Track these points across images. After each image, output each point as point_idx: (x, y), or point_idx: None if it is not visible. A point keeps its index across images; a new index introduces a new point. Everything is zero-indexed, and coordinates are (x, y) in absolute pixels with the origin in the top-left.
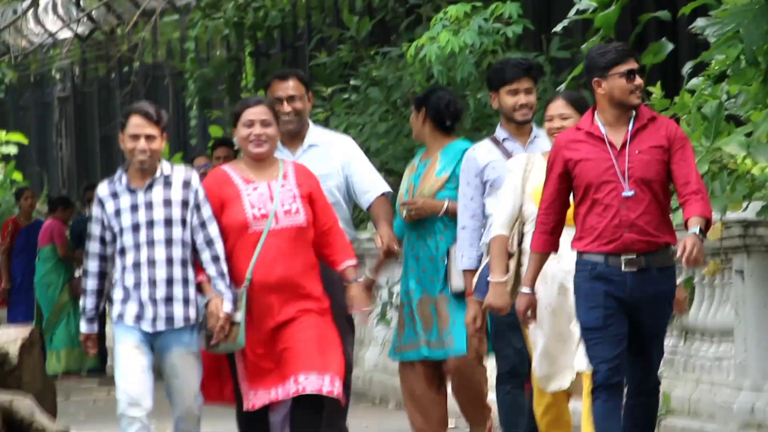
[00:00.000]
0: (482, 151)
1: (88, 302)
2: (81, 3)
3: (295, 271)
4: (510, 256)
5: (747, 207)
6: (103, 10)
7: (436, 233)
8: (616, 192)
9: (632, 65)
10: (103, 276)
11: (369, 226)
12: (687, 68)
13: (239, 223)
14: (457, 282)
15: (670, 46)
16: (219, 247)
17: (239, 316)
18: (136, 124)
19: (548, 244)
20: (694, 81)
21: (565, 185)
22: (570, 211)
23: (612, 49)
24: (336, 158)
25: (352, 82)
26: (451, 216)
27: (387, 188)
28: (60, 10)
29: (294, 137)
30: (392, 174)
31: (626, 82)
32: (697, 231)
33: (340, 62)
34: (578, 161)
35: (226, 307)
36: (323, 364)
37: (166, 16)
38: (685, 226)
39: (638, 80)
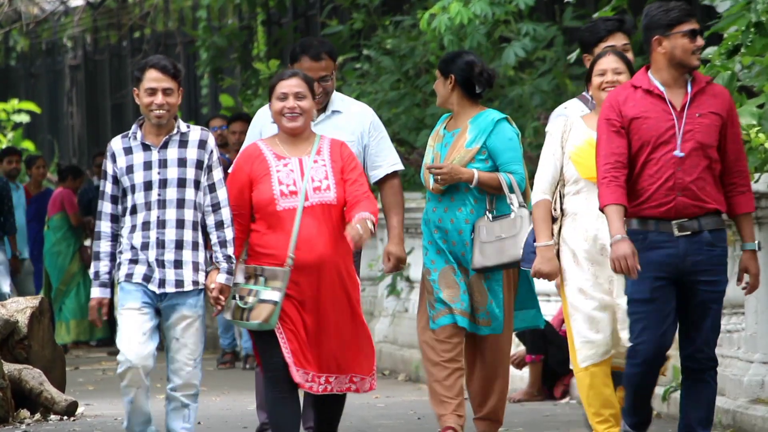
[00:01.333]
0: (575, 113)
1: (101, 266)
2: None
3: (332, 252)
4: (553, 220)
5: (759, 179)
6: None
7: (466, 206)
8: (673, 153)
9: (695, 25)
10: (116, 238)
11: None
12: None
13: (266, 200)
14: (479, 258)
15: None
16: (225, 212)
17: (278, 296)
18: (152, 77)
19: (624, 196)
20: (708, 51)
21: (627, 140)
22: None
23: (675, 7)
24: (357, 126)
25: (364, 52)
26: (481, 189)
27: (400, 166)
28: None
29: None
30: (403, 144)
31: (689, 42)
32: (756, 247)
33: (352, 31)
34: (636, 118)
35: (221, 278)
36: (355, 365)
37: None
38: (732, 213)
39: (700, 41)
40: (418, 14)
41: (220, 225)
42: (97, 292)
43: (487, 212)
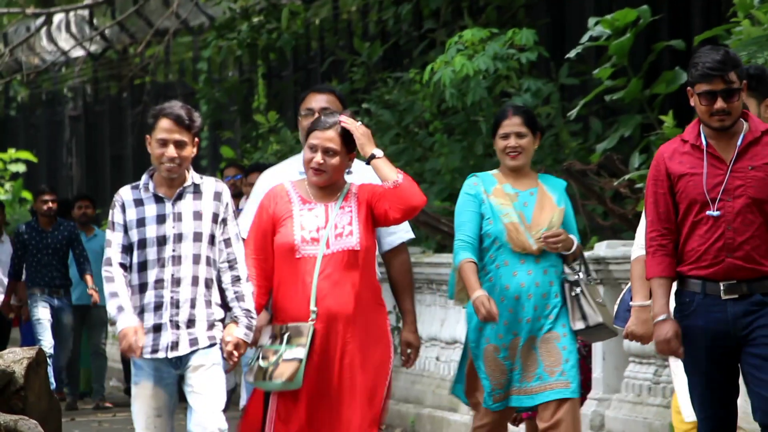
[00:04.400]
0: None
1: (122, 301)
2: (94, 22)
3: (354, 304)
4: None
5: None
6: (116, 29)
7: (551, 268)
8: (723, 211)
9: (716, 86)
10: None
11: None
12: None
13: (286, 245)
14: (593, 314)
15: (684, 76)
16: (242, 268)
17: (302, 353)
18: (164, 128)
19: (672, 267)
20: None
21: (674, 200)
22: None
23: (702, 61)
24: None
25: (364, 106)
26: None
27: (412, 234)
28: (73, 29)
29: None
30: None
31: (701, 104)
32: None
33: (353, 87)
34: (683, 175)
35: (239, 332)
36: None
37: (179, 36)
38: None
39: (719, 103)
40: (410, 72)
41: (236, 280)
42: (125, 321)
43: (579, 274)
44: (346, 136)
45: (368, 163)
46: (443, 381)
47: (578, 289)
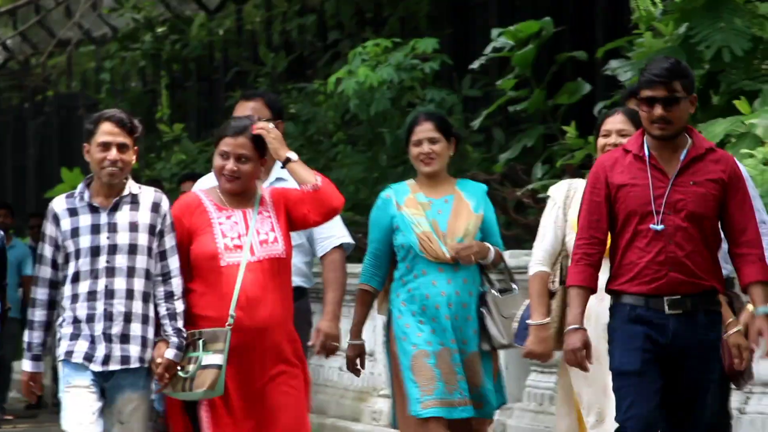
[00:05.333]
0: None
1: (35, 336)
2: None
3: (280, 311)
4: (551, 295)
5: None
6: (18, 39)
7: (469, 276)
8: (665, 224)
9: (657, 93)
10: (53, 306)
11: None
12: (598, 108)
13: (209, 253)
14: (499, 336)
15: (587, 87)
16: (176, 282)
17: (220, 359)
18: (107, 130)
19: (594, 279)
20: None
21: (610, 211)
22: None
23: (651, 68)
24: None
25: None
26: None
27: (348, 239)
28: None
29: None
30: None
31: (642, 110)
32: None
33: None
34: (623, 186)
35: (169, 353)
36: None
37: (82, 46)
38: (743, 289)
39: (657, 110)
40: (315, 83)
41: (170, 296)
42: (28, 366)
43: (491, 286)
44: (258, 142)
45: (284, 166)
46: (346, 391)
47: (483, 310)
